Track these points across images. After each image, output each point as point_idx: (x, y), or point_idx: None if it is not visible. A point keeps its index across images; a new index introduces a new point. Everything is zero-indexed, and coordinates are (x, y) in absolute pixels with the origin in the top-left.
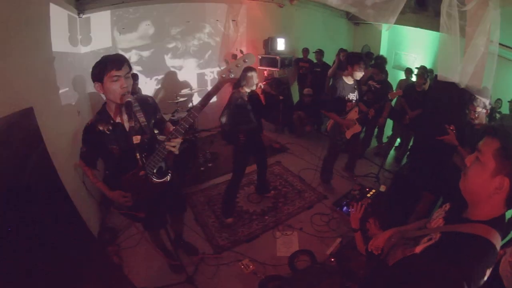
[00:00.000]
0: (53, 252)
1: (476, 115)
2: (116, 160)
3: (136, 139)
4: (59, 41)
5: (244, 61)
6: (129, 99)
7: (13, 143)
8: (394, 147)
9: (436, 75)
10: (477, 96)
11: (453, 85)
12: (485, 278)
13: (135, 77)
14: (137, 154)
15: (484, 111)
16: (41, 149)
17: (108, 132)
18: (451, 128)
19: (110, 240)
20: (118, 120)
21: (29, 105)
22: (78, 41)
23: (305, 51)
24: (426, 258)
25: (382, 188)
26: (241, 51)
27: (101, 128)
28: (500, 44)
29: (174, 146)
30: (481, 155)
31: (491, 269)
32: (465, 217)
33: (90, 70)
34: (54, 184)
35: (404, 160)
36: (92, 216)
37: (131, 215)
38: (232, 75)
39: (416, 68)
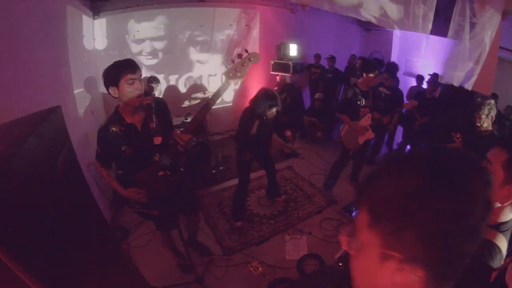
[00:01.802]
0: (76, 247)
1: (482, 123)
2: (128, 160)
3: (157, 140)
4: (74, 42)
5: (250, 60)
6: (149, 102)
7: (45, 138)
8: None
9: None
10: (481, 103)
11: (460, 92)
12: (490, 281)
13: (156, 80)
14: (158, 155)
15: (490, 118)
16: (69, 147)
17: (121, 133)
18: (457, 136)
19: (120, 239)
20: (130, 121)
21: (58, 103)
22: (93, 43)
23: (317, 57)
24: None
25: None
26: (246, 51)
27: (114, 129)
28: (508, 49)
29: (182, 140)
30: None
31: (496, 272)
32: None
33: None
34: (79, 181)
35: None
36: (104, 214)
37: (145, 213)
38: (239, 74)
39: (429, 74)
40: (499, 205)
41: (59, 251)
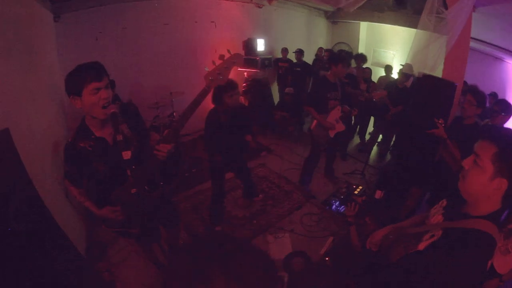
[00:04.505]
0: (40, 276)
1: (467, 112)
2: (101, 177)
3: (126, 154)
4: (34, 47)
5: (233, 62)
6: (114, 110)
7: None
8: (376, 143)
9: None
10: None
11: (436, 81)
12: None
13: (112, 84)
14: (128, 171)
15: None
16: (20, 172)
17: (90, 149)
18: (440, 121)
19: (99, 256)
20: (99, 134)
21: (5, 126)
22: (55, 47)
23: (284, 51)
24: (431, 254)
25: (378, 195)
26: (229, 51)
27: (82, 144)
28: (481, 41)
29: (163, 152)
30: (479, 159)
31: (492, 260)
32: (464, 212)
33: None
34: (39, 210)
35: (388, 156)
36: (78, 232)
37: (124, 232)
38: (221, 77)
39: (402, 65)
40: (490, 197)
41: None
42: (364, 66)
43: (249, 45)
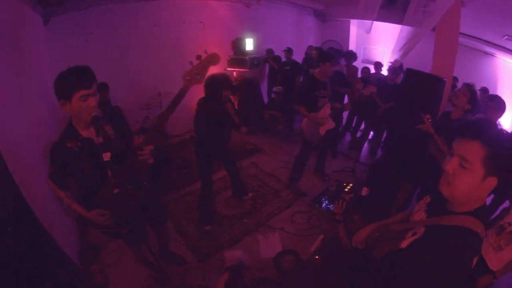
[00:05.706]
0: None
1: (457, 100)
2: (88, 178)
3: (106, 156)
4: (23, 50)
5: (209, 62)
6: (95, 114)
7: None
8: (367, 140)
9: (407, 69)
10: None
11: (424, 76)
12: (472, 266)
13: (105, 87)
14: (109, 172)
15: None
16: (6, 179)
17: (77, 149)
18: (426, 116)
19: (92, 259)
20: (86, 135)
21: None
22: (45, 50)
23: (270, 52)
24: (413, 252)
25: (364, 192)
26: (206, 51)
27: (69, 145)
28: (471, 36)
29: (147, 154)
30: (468, 164)
31: (477, 257)
32: (448, 209)
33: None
34: (26, 215)
35: (379, 153)
36: (70, 236)
37: (112, 232)
38: (198, 77)
39: (390, 62)
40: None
41: None
42: (354, 63)
43: (238, 45)
